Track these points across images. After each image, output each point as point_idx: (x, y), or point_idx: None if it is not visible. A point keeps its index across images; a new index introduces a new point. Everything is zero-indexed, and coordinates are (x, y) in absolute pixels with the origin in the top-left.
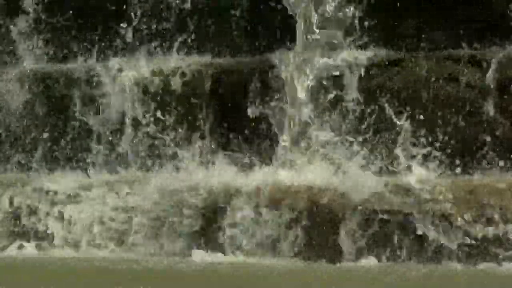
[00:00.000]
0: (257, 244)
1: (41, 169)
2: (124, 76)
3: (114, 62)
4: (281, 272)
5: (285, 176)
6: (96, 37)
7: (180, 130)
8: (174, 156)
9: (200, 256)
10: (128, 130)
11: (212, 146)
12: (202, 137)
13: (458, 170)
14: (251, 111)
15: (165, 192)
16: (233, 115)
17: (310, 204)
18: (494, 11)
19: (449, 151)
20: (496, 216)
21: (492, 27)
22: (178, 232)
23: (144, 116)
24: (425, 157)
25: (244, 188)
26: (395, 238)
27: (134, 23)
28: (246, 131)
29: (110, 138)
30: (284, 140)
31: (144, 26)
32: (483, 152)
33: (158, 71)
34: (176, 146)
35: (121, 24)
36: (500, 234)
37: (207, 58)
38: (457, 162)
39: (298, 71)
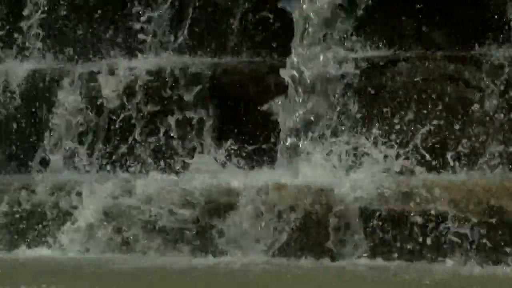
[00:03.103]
0: (256, 244)
1: None
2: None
3: (112, 62)
4: (280, 272)
5: (285, 177)
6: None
7: (179, 130)
8: (173, 156)
9: (198, 257)
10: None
11: (211, 146)
12: (200, 137)
13: (456, 170)
14: (251, 111)
15: (164, 193)
16: (233, 115)
17: (310, 204)
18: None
19: (448, 151)
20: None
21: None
22: (178, 233)
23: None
24: (423, 157)
25: (244, 189)
26: (395, 238)
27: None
28: (245, 131)
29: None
30: (285, 141)
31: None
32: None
33: (156, 71)
34: (174, 146)
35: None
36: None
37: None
38: (456, 162)
39: (298, 72)
